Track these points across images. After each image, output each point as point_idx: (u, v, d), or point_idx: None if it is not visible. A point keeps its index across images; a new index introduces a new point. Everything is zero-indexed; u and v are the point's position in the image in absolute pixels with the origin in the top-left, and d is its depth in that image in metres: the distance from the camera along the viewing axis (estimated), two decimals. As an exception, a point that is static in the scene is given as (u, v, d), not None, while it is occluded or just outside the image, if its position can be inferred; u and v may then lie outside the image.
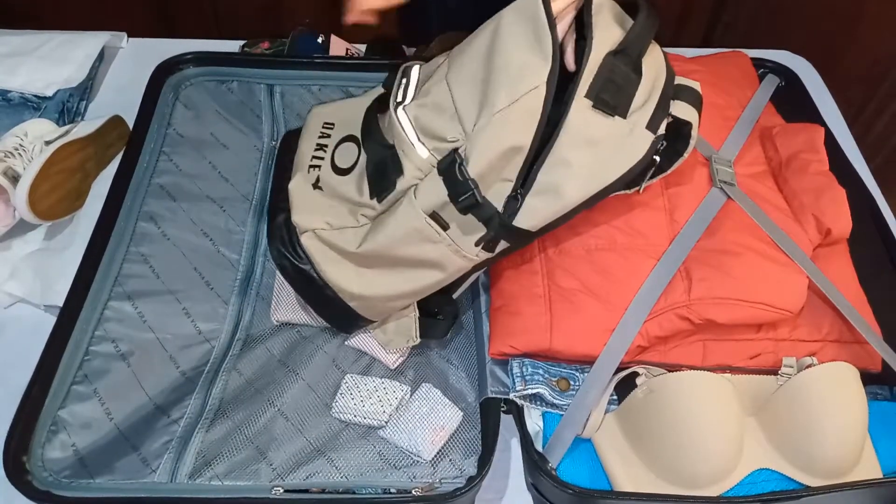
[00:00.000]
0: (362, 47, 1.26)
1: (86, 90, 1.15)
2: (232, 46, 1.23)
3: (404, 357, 0.88)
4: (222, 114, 1.10)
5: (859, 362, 0.81)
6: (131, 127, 1.05)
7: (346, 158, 0.82)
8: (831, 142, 1.01)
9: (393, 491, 0.78)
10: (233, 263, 0.95)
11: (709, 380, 0.76)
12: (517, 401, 0.80)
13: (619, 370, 0.80)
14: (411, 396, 0.84)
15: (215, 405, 0.83)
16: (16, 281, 0.92)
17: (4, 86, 1.09)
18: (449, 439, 0.81)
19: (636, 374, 0.80)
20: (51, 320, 0.85)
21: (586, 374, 0.80)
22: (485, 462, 0.77)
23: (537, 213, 0.72)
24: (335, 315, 0.83)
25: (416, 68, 0.80)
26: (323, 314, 0.84)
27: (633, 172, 0.72)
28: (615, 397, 0.81)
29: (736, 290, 0.79)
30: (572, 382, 0.81)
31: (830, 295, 0.83)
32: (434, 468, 0.80)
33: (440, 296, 0.83)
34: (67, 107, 1.11)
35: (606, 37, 0.70)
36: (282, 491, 0.77)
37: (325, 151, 0.85)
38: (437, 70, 0.78)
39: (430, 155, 0.73)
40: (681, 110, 0.74)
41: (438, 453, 0.80)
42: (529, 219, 0.72)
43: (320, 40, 1.23)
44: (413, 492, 0.77)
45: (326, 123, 0.88)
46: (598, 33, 0.70)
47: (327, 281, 0.79)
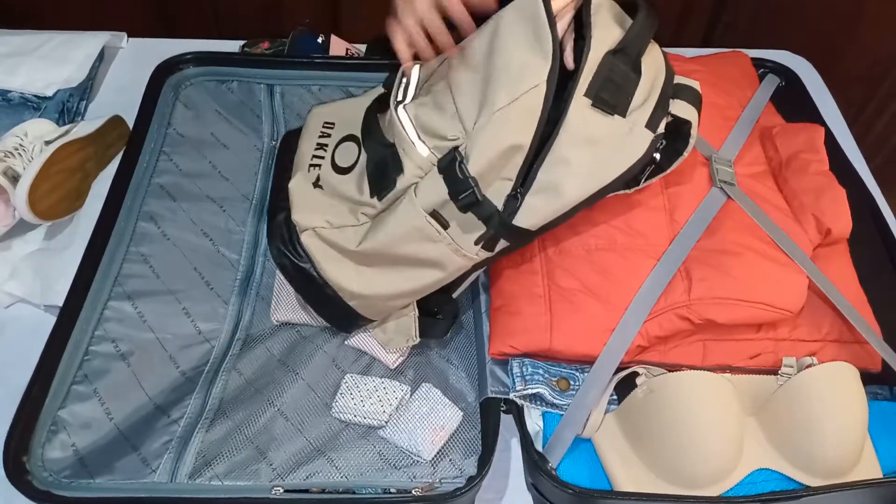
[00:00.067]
0: (362, 47, 1.26)
1: (86, 90, 1.15)
2: (232, 46, 1.23)
3: (404, 357, 0.88)
4: (222, 114, 1.10)
5: (859, 362, 0.81)
6: (131, 127, 1.05)
7: (346, 158, 0.83)
8: (831, 142, 1.01)
9: (393, 491, 0.78)
10: (233, 263, 0.95)
11: (709, 380, 0.76)
12: (517, 401, 0.80)
13: (619, 370, 0.80)
14: (411, 396, 0.84)
15: (215, 405, 0.83)
16: (16, 281, 0.92)
17: (4, 86, 1.09)
18: (449, 439, 0.81)
19: (636, 374, 0.80)
20: (51, 320, 0.85)
21: (586, 374, 0.80)
22: (485, 462, 0.77)
23: (537, 212, 0.72)
24: (335, 314, 0.83)
25: (416, 68, 0.80)
26: (322, 313, 0.84)
27: (632, 171, 0.72)
28: (615, 397, 0.81)
29: (736, 289, 0.79)
30: (572, 382, 0.81)
31: (830, 295, 0.83)
32: (434, 468, 0.80)
33: (440, 295, 0.83)
34: (67, 107, 1.10)
35: (605, 36, 0.71)
36: (282, 491, 0.77)
37: (325, 151, 0.85)
38: (438, 70, 0.78)
39: (431, 153, 0.73)
40: (680, 109, 0.74)
41: (438, 453, 0.80)
42: (529, 217, 0.72)
43: (320, 40, 1.23)
44: (413, 492, 0.77)
45: (327, 123, 0.88)
46: (597, 32, 0.70)
47: (327, 280, 0.79)
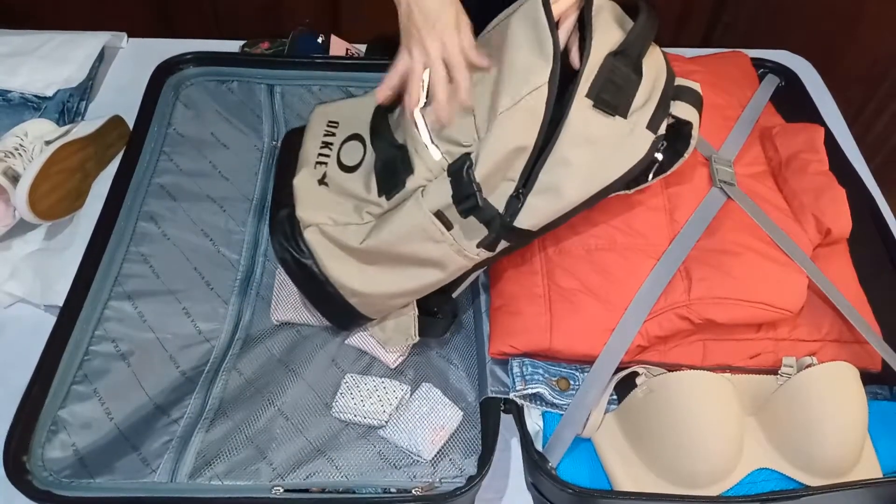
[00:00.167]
0: (362, 47, 1.26)
1: (86, 90, 1.15)
2: (232, 46, 1.23)
3: (404, 356, 0.88)
4: (222, 114, 1.10)
5: (859, 362, 0.81)
6: (131, 127, 1.05)
7: (351, 156, 0.83)
8: (831, 142, 1.01)
9: (393, 490, 0.78)
10: (233, 263, 0.95)
11: (709, 379, 0.76)
12: (517, 400, 0.80)
13: (618, 370, 0.80)
14: (411, 396, 0.84)
15: (215, 405, 0.83)
16: (16, 281, 0.92)
17: (4, 86, 1.09)
18: (449, 439, 0.81)
19: (636, 374, 0.80)
20: (51, 320, 0.85)
21: (586, 373, 0.80)
22: (485, 461, 0.77)
23: (538, 213, 0.72)
24: (335, 312, 0.83)
25: (427, 72, 0.81)
26: (322, 310, 0.84)
27: (633, 172, 0.72)
28: (615, 397, 0.81)
29: (736, 289, 0.79)
30: (572, 382, 0.81)
31: (830, 294, 0.83)
32: (434, 468, 0.80)
33: (439, 295, 0.84)
34: (67, 107, 1.11)
35: (607, 38, 0.71)
36: (282, 490, 0.77)
37: (330, 149, 0.85)
38: None
39: (443, 157, 0.74)
40: (681, 110, 0.75)
41: (438, 453, 0.80)
42: (530, 218, 0.73)
43: (320, 40, 1.23)
44: (413, 491, 0.77)
45: (331, 122, 0.88)
46: (597, 34, 0.70)
47: (329, 276, 0.79)
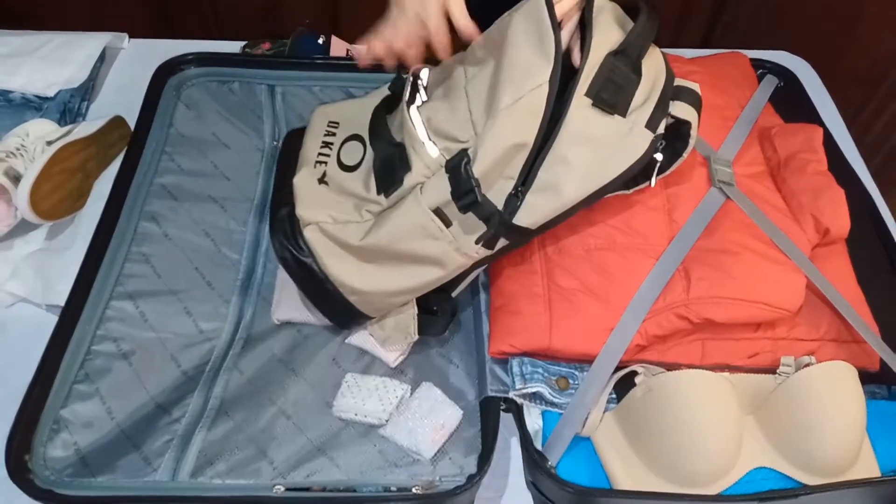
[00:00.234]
0: (363, 48, 1.26)
1: (87, 90, 1.15)
2: (233, 47, 1.23)
3: (405, 356, 0.88)
4: (224, 114, 1.10)
5: (857, 361, 0.81)
6: (132, 127, 1.05)
7: (351, 156, 0.83)
8: (830, 142, 1.01)
9: (393, 489, 0.78)
10: (234, 263, 0.96)
11: (707, 379, 0.76)
12: (517, 399, 0.81)
13: (618, 369, 0.80)
14: (412, 395, 0.84)
15: (216, 404, 0.83)
16: (17, 281, 0.92)
17: (6, 86, 1.10)
18: (449, 438, 0.82)
19: (635, 373, 0.81)
20: (52, 320, 0.85)
21: (585, 372, 0.81)
22: (485, 460, 0.77)
23: (537, 211, 0.73)
24: (335, 310, 0.83)
25: (425, 70, 0.82)
26: (322, 309, 0.85)
27: (632, 171, 0.73)
28: (614, 396, 0.81)
29: (734, 289, 0.80)
30: (572, 381, 0.81)
31: (828, 294, 0.83)
32: (434, 466, 0.80)
33: (439, 293, 0.84)
34: (69, 107, 1.11)
35: (607, 38, 0.71)
36: (283, 489, 0.77)
37: (330, 149, 0.86)
38: (455, 73, 0.79)
39: (440, 154, 0.74)
40: (680, 110, 0.75)
41: (439, 452, 0.81)
42: (529, 216, 0.73)
43: (321, 41, 1.23)
44: (413, 490, 0.77)
45: (331, 122, 0.89)
46: (598, 34, 0.71)
47: (328, 275, 0.79)
